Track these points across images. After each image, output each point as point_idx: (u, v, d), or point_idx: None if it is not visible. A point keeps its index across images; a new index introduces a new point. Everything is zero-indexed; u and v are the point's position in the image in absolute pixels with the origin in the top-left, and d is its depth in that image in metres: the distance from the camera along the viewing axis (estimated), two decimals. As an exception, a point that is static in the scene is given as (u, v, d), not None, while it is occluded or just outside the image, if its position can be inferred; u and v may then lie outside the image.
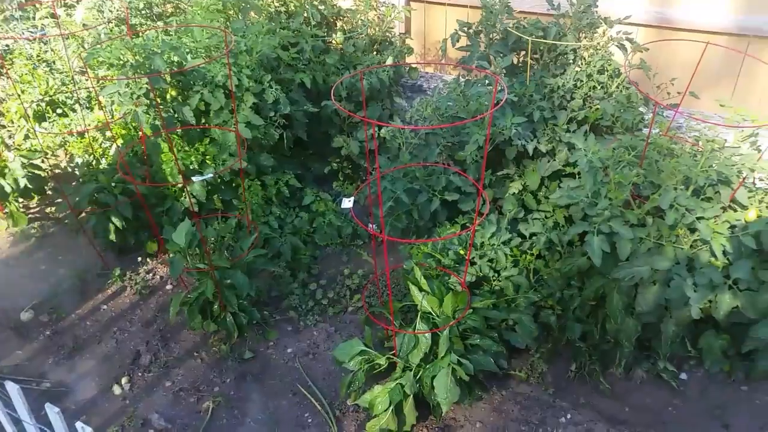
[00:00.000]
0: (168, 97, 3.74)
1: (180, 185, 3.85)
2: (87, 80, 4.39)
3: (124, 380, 3.38)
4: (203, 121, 3.82)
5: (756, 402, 3.05)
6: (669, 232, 2.87)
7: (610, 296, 2.99)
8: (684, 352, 3.19)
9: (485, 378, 3.14)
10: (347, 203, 3.13)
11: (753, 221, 2.79)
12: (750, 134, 3.03)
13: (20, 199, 4.47)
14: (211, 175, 3.54)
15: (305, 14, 4.42)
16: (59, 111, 4.63)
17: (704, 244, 2.84)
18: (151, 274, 4.07)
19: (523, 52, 3.99)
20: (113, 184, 3.94)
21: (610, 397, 3.16)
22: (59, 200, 4.35)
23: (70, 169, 4.80)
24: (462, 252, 3.38)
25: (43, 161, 4.40)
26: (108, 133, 4.10)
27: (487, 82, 3.87)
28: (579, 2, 3.74)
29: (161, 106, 3.71)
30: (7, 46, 4.90)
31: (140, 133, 3.80)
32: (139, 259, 4.16)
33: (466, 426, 3.04)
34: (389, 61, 4.45)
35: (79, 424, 2.12)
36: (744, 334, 2.94)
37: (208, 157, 3.81)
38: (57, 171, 4.81)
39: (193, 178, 3.25)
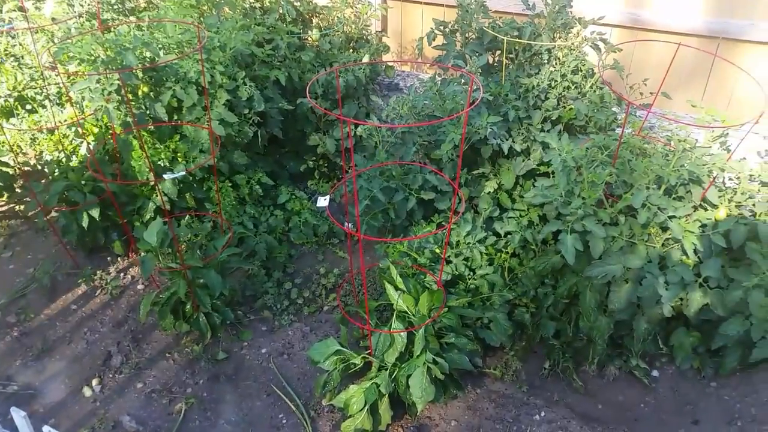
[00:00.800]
0: (140, 93, 3.67)
1: (151, 183, 3.79)
2: (57, 76, 4.30)
3: (94, 382, 3.32)
4: (175, 117, 3.76)
5: (724, 398, 3.10)
6: (641, 230, 2.90)
7: (583, 294, 3.02)
8: (656, 350, 3.23)
9: (460, 376, 3.14)
10: (323, 202, 3.11)
11: (723, 220, 2.83)
12: (720, 135, 3.08)
13: (-13, 197, 4.36)
14: (183, 172, 3.49)
15: (280, 10, 4.38)
16: (28, 107, 4.53)
17: (676, 242, 2.88)
18: (122, 274, 4.00)
19: (498, 52, 4.01)
20: (83, 182, 3.86)
21: (583, 395, 3.19)
22: (28, 198, 4.25)
23: (39, 167, 4.70)
24: (438, 251, 3.38)
25: (11, 158, 4.29)
26: (79, 130, 4.02)
27: (462, 81, 3.87)
28: (554, 2, 3.76)
29: (133, 103, 3.65)
30: (-27, 40, 4.78)
31: (111, 129, 3.74)
32: (110, 258, 4.09)
33: (441, 424, 3.04)
34: (365, 59, 4.43)
35: (46, 428, 2.08)
36: (714, 331, 2.99)
37: (179, 154, 3.75)
38: (26, 168, 4.70)
39: (165, 176, 3.20)
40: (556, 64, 3.68)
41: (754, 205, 2.87)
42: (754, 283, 2.77)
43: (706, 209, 2.96)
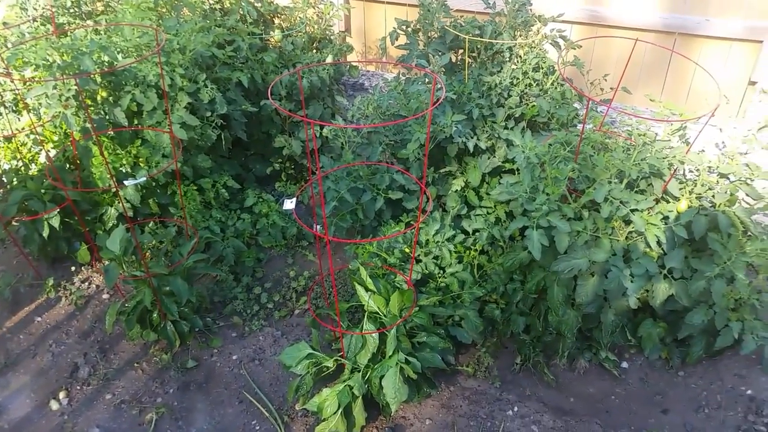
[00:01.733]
0: (98, 98, 3.59)
1: (113, 190, 3.72)
2: (11, 82, 4.17)
3: (61, 395, 3.24)
4: (136, 122, 3.69)
5: (692, 386, 3.17)
6: (605, 224, 2.95)
7: (550, 289, 3.05)
8: (624, 341, 3.28)
9: (433, 375, 3.15)
10: (289, 204, 3.08)
11: (684, 212, 2.89)
12: (678, 128, 3.14)
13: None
14: (144, 178, 3.42)
15: (241, 11, 4.33)
16: (-18, 115, 4.39)
17: (639, 235, 2.93)
18: (86, 284, 3.91)
19: (461, 51, 4.02)
20: (43, 191, 3.76)
21: (555, 388, 3.23)
22: (-15, 209, 4.12)
23: (-4, 176, 4.57)
24: (407, 250, 3.38)
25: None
26: (37, 138, 3.91)
27: (426, 80, 3.88)
28: (513, 0, 3.79)
29: (91, 108, 3.57)
30: None
31: (70, 136, 3.65)
32: (73, 268, 3.99)
33: (415, 424, 3.05)
34: (329, 59, 4.41)
35: (9, 447, 2.02)
36: (679, 321, 3.06)
37: (141, 159, 3.69)
38: (-18, 178, 4.56)
39: (125, 182, 3.14)
40: (517, 61, 3.71)
41: (713, 196, 2.94)
42: (716, 273, 2.84)
43: (668, 201, 3.02)
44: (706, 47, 4.35)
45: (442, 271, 3.35)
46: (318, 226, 3.76)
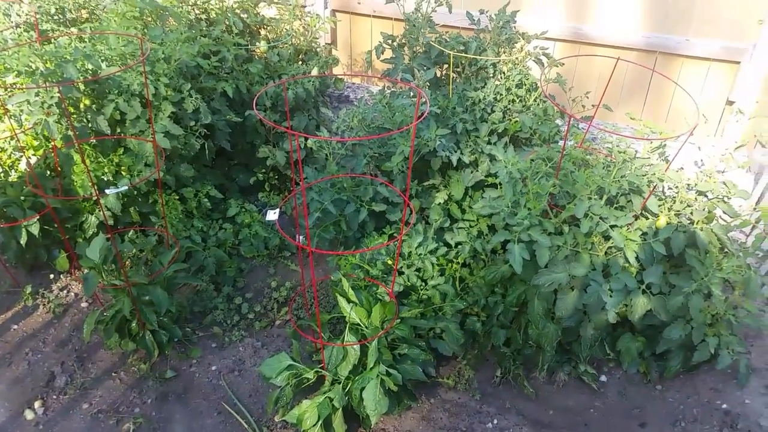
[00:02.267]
0: (81, 106, 3.58)
1: (93, 198, 3.69)
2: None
3: (37, 404, 3.19)
4: (119, 131, 3.68)
5: (669, 400, 3.20)
6: (584, 239, 2.98)
7: (531, 302, 3.07)
8: (603, 355, 3.31)
9: (414, 387, 3.15)
10: (272, 215, 3.08)
11: (663, 228, 2.93)
12: (658, 146, 3.20)
13: None
14: (126, 187, 3.40)
15: (227, 22, 4.34)
16: (-38, 120, 4.34)
17: (618, 250, 2.96)
18: (65, 292, 3.87)
19: (445, 66, 4.07)
20: (23, 198, 3.72)
21: (534, 401, 3.24)
22: (-38, 215, 4.07)
23: (-26, 182, 4.51)
24: (390, 262, 3.39)
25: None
26: (18, 144, 3.88)
27: (411, 93, 3.91)
28: (498, 18, 3.84)
29: (74, 116, 3.55)
30: None
31: (52, 144, 3.62)
32: (52, 276, 3.94)
33: (395, 437, 3.04)
34: (314, 71, 4.43)
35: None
36: (658, 335, 3.10)
37: (123, 168, 3.67)
38: (-40, 184, 4.50)
39: (107, 191, 3.12)
40: (501, 78, 3.76)
41: (692, 213, 2.99)
42: (693, 289, 2.88)
43: (646, 218, 3.06)
44: (686, 67, 4.43)
45: (424, 284, 3.36)
46: (301, 237, 3.77)
